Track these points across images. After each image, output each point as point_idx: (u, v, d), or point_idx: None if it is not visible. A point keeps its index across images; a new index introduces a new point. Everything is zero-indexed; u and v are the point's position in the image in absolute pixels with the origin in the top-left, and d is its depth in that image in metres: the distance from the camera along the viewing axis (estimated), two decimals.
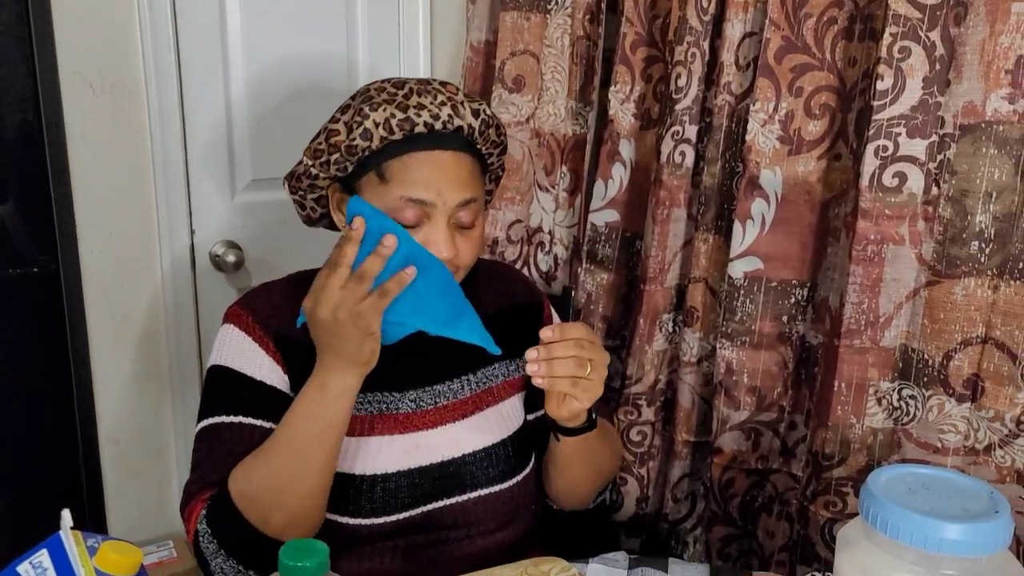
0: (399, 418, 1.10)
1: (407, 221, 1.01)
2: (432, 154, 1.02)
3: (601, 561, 1.10)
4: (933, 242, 1.09)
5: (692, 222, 1.37)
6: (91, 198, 1.59)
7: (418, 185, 1.01)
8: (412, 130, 1.01)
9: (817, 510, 1.22)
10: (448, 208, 1.02)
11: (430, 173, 1.01)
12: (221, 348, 1.09)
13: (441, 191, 1.01)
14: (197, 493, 1.03)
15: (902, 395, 1.14)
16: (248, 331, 1.08)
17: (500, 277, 1.24)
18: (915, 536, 0.83)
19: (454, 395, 1.13)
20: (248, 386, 1.06)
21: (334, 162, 1.04)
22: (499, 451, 1.14)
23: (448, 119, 1.02)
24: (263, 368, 1.07)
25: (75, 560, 0.66)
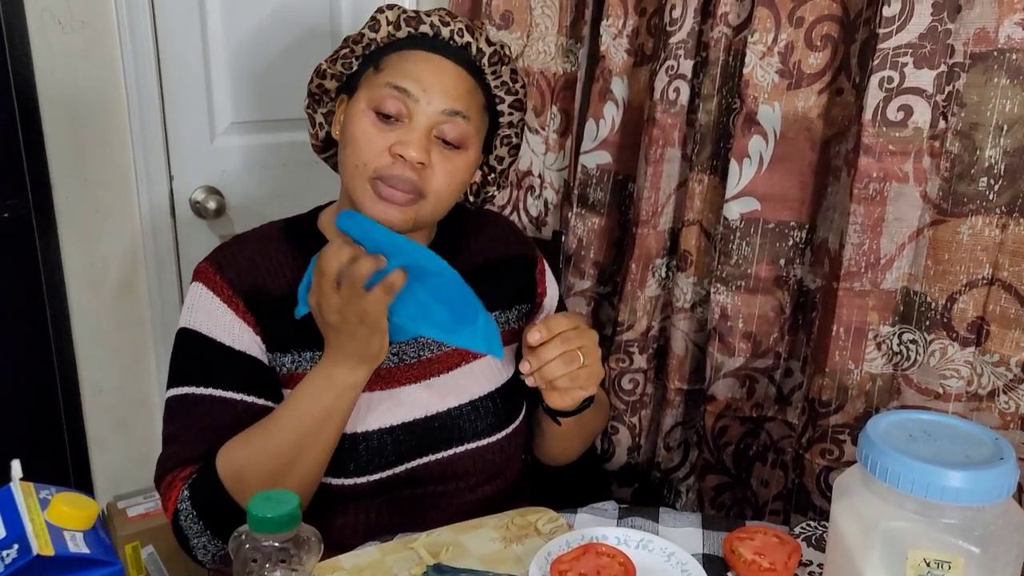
0: (380, 373, 1.05)
1: (384, 108, 0.97)
2: (432, 56, 0.99)
3: (590, 511, 1.08)
4: (939, 179, 1.04)
5: (686, 162, 1.31)
6: (63, 141, 1.54)
7: (407, 76, 0.98)
8: (418, 28, 1.00)
9: (813, 458, 1.18)
10: (431, 112, 0.97)
11: (423, 69, 0.98)
12: (190, 310, 1.04)
13: (428, 88, 0.97)
14: (173, 469, 1.00)
15: (903, 339, 1.10)
16: (216, 290, 1.02)
17: (492, 226, 1.20)
18: (916, 484, 0.80)
19: (439, 347, 1.09)
20: (219, 354, 1.01)
21: (341, 56, 1.03)
22: (487, 404, 1.11)
23: (458, 33, 1.00)
24: (233, 332, 1.01)
25: (24, 513, 0.62)
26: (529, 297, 1.18)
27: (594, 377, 0.99)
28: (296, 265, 1.05)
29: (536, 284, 1.19)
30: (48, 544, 0.59)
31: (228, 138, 1.69)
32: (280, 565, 0.75)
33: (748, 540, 0.97)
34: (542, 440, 1.18)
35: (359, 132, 0.98)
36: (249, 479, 0.95)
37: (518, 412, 1.16)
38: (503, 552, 0.99)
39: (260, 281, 1.03)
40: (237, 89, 1.66)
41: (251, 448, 0.97)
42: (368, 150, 0.98)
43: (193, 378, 1.02)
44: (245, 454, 0.97)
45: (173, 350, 1.05)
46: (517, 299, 1.16)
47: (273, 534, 0.74)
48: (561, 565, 0.92)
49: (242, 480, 0.96)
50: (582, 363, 0.96)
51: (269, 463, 0.96)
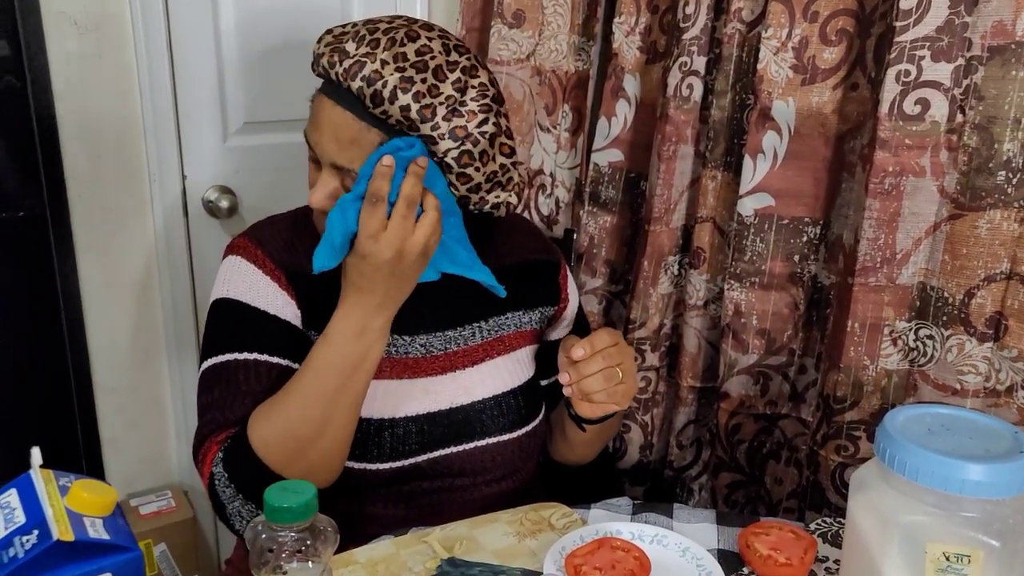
0: (408, 362, 1.06)
1: (312, 153, 1.00)
2: (324, 100, 0.98)
3: (604, 507, 1.07)
4: (956, 173, 1.03)
5: (699, 159, 1.31)
6: (77, 141, 1.55)
7: (310, 124, 0.99)
8: (315, 69, 0.99)
9: (828, 455, 1.18)
10: (326, 160, 0.98)
11: (317, 118, 0.98)
12: (228, 280, 1.03)
13: (319, 142, 0.98)
14: (211, 435, 0.98)
15: (919, 335, 1.09)
16: (258, 263, 1.03)
17: (518, 231, 1.21)
18: (935, 477, 0.80)
19: (465, 342, 1.10)
20: (262, 320, 1.01)
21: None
22: (509, 400, 1.11)
23: (343, 75, 0.94)
24: (276, 302, 1.02)
25: (44, 499, 0.62)
26: (552, 301, 1.18)
27: (629, 394, 1.01)
28: None
29: (560, 290, 1.19)
30: (68, 530, 0.59)
31: (241, 138, 1.70)
32: (296, 556, 0.75)
33: (764, 535, 0.96)
34: (563, 443, 1.18)
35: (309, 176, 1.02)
36: (279, 444, 0.94)
37: (538, 411, 1.15)
38: (517, 547, 0.99)
39: (298, 261, 1.04)
40: (250, 89, 1.67)
41: (278, 413, 0.95)
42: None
43: (232, 345, 1.00)
44: (272, 419, 0.95)
45: (208, 323, 1.04)
46: (540, 301, 1.17)
47: (289, 524, 0.74)
48: (576, 559, 0.92)
49: (272, 445, 0.94)
50: (620, 380, 0.98)
51: (299, 428, 0.95)
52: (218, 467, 0.95)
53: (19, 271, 1.55)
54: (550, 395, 1.19)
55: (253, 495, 0.95)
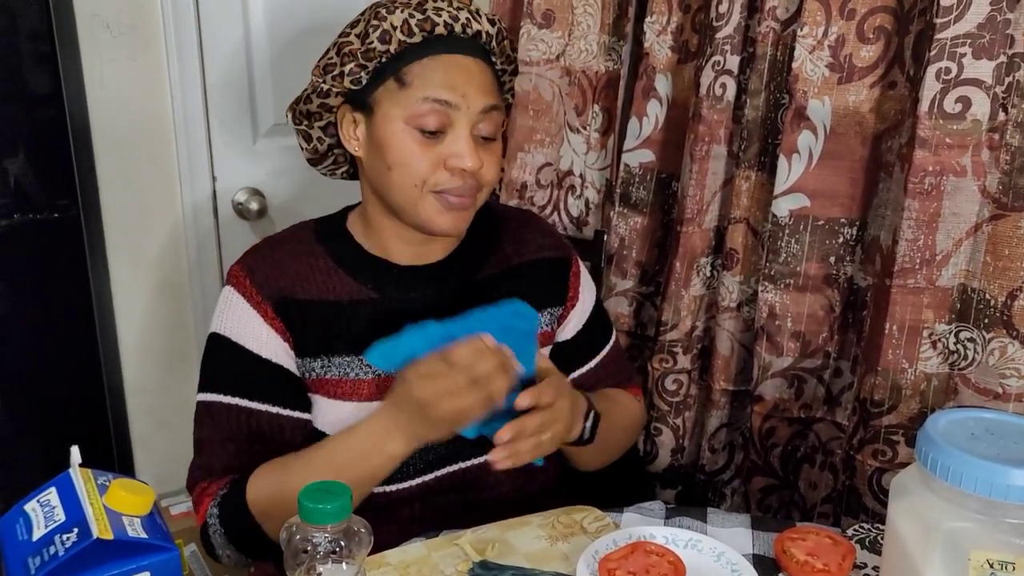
0: None
1: (429, 126, 0.97)
2: (454, 57, 0.98)
3: (637, 511, 1.06)
4: (999, 172, 1.01)
5: (732, 159, 1.30)
6: (110, 144, 1.57)
7: (442, 86, 0.96)
8: (432, 31, 0.96)
9: (864, 459, 1.16)
10: (472, 113, 0.97)
11: (454, 75, 0.97)
12: (221, 315, 1.04)
13: (467, 93, 0.97)
14: (203, 480, 1.02)
15: (960, 338, 1.07)
16: (247, 296, 1.02)
17: (527, 228, 1.18)
18: (979, 482, 0.78)
19: None
20: (248, 362, 1.01)
21: (348, 73, 0.98)
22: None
23: (467, 22, 0.98)
24: (262, 339, 1.01)
25: (84, 498, 0.62)
26: (559, 300, 1.15)
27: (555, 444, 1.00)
28: (327, 267, 1.04)
29: (568, 288, 1.16)
30: (107, 528, 0.59)
31: (270, 140, 1.71)
32: (331, 557, 0.74)
33: (800, 541, 0.94)
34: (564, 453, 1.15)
35: (405, 152, 0.98)
36: (276, 516, 0.96)
37: None
38: (549, 550, 0.98)
39: (290, 286, 1.02)
40: (279, 92, 1.68)
41: (281, 488, 0.97)
42: (422, 169, 0.98)
43: (221, 385, 1.02)
44: (274, 492, 0.97)
45: (204, 353, 1.05)
46: (549, 301, 1.14)
47: (324, 525, 0.74)
48: (610, 563, 0.91)
49: (269, 515, 0.97)
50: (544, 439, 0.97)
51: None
52: (212, 520, 0.99)
53: (53, 272, 1.57)
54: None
55: (245, 548, 1.00)
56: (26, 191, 1.51)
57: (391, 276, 1.06)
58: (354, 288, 1.04)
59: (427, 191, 0.99)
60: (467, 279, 1.08)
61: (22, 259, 1.53)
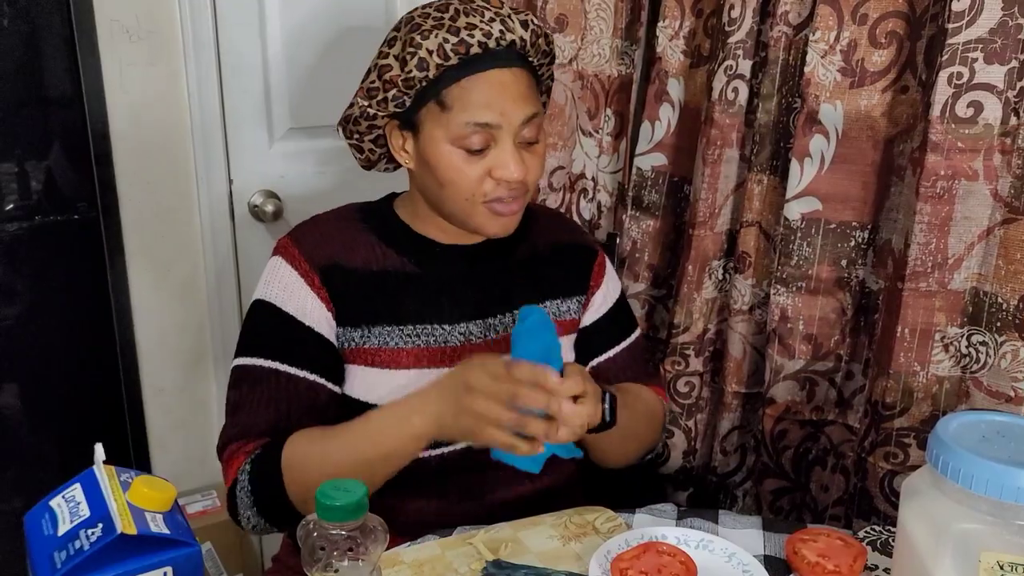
0: (447, 351, 1.08)
1: (473, 146, 1.01)
2: (490, 74, 1.01)
3: (648, 512, 1.07)
4: (1011, 176, 1.01)
5: (745, 163, 1.30)
6: (128, 147, 1.58)
7: (481, 108, 1.00)
8: (468, 52, 0.99)
9: (876, 462, 1.16)
10: (513, 127, 1.01)
11: (492, 94, 1.00)
12: (268, 281, 1.07)
13: (505, 111, 1.00)
14: (237, 439, 1.02)
15: (971, 341, 1.08)
16: (295, 264, 1.06)
17: (556, 222, 1.24)
18: (990, 485, 0.78)
19: (504, 329, 1.11)
20: (292, 330, 1.04)
21: (392, 99, 1.02)
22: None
23: (500, 35, 1.00)
24: (307, 307, 1.05)
25: (108, 494, 0.64)
26: (581, 289, 1.19)
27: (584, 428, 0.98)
28: (371, 242, 1.09)
29: (589, 278, 1.19)
30: (131, 523, 0.61)
31: (286, 143, 1.72)
32: (347, 554, 0.76)
33: (811, 542, 0.95)
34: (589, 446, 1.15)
35: (453, 171, 1.02)
36: (307, 482, 0.97)
37: None
38: (562, 550, 0.99)
39: (335, 254, 1.07)
40: (295, 95, 1.69)
41: (316, 453, 0.99)
42: (469, 183, 1.02)
43: (264, 350, 1.05)
44: (308, 456, 0.99)
45: (245, 320, 1.08)
46: (575, 289, 1.18)
47: (341, 522, 0.75)
48: (622, 563, 0.92)
49: (300, 481, 0.98)
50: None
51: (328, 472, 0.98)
52: (243, 476, 1.00)
53: (73, 273, 1.59)
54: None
55: (268, 512, 1.01)
56: (46, 194, 1.53)
57: (433, 253, 1.11)
58: (396, 261, 1.09)
59: (477, 202, 1.03)
60: (502, 261, 1.13)
61: (42, 261, 1.55)
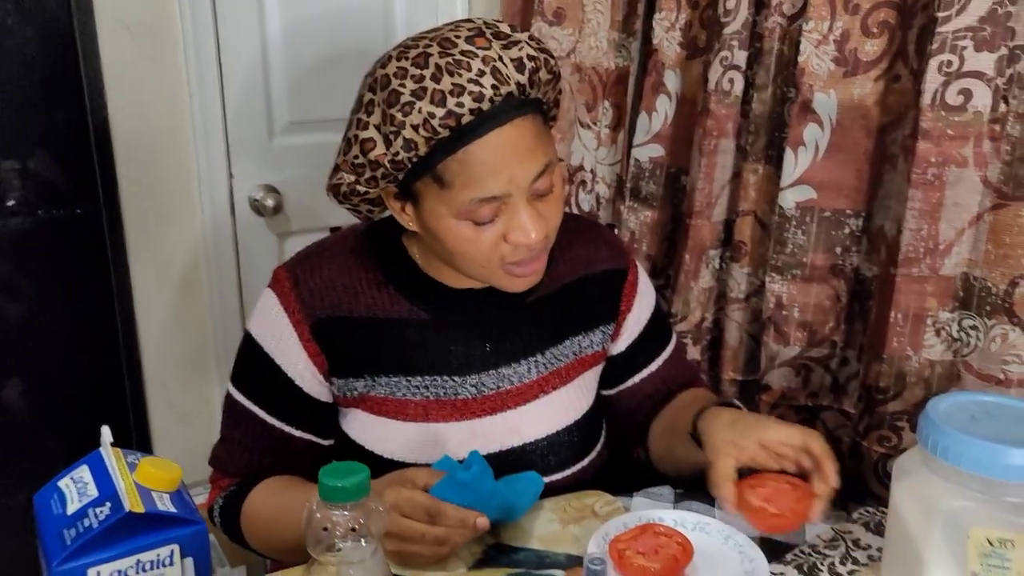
0: (457, 404, 1.03)
1: (482, 219, 0.91)
2: (488, 138, 0.89)
3: (645, 495, 1.09)
4: (1000, 163, 1.03)
5: (740, 153, 1.32)
6: (129, 142, 1.60)
7: (485, 181, 0.89)
8: (459, 123, 0.87)
9: (870, 446, 1.18)
10: (524, 188, 0.91)
11: (494, 161, 0.89)
12: (260, 318, 1.04)
13: (512, 176, 0.89)
14: (218, 470, 1.10)
15: (963, 325, 1.09)
16: (287, 308, 1.01)
17: (584, 242, 1.12)
18: (978, 462, 0.80)
19: (519, 379, 1.05)
20: (274, 378, 1.03)
21: (381, 176, 0.93)
22: (563, 438, 1.08)
23: (494, 91, 0.88)
24: (291, 358, 1.02)
25: (115, 474, 0.65)
26: (610, 317, 1.12)
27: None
28: (377, 283, 1.02)
29: (619, 302, 1.12)
30: (139, 502, 0.62)
31: (286, 137, 1.73)
32: (350, 534, 0.77)
33: (760, 487, 0.94)
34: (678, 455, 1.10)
35: (463, 243, 0.93)
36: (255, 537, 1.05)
37: (595, 443, 1.13)
38: (561, 533, 1.01)
39: (336, 304, 1.01)
40: (295, 89, 1.71)
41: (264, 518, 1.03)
42: (483, 253, 0.94)
43: (247, 388, 1.06)
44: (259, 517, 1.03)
45: (240, 347, 1.07)
46: (601, 319, 1.11)
47: (343, 504, 0.76)
48: (619, 544, 0.93)
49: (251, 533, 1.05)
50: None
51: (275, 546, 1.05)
52: (216, 509, 1.08)
53: (75, 269, 1.61)
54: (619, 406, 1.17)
55: (238, 542, 1.08)
56: (48, 189, 1.54)
57: (444, 298, 1.03)
58: (405, 307, 1.02)
59: (495, 267, 0.96)
60: (518, 301, 1.04)
61: (45, 257, 1.57)
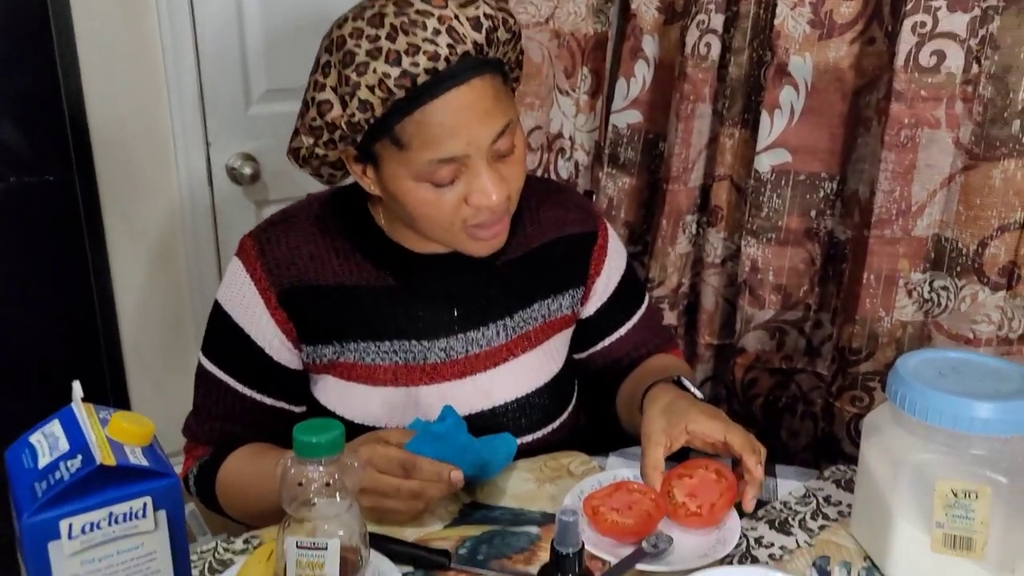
0: (427, 368, 1.04)
1: (442, 181, 0.91)
2: (446, 98, 0.88)
3: (621, 455, 1.10)
4: (972, 124, 1.04)
5: (717, 118, 1.32)
6: (103, 111, 1.58)
7: (443, 141, 0.88)
8: (415, 83, 0.86)
9: (843, 406, 1.20)
10: (483, 149, 0.90)
11: (452, 121, 0.88)
12: (227, 287, 1.04)
13: (472, 137, 0.89)
14: (192, 439, 1.10)
15: (933, 286, 1.11)
16: (253, 277, 1.01)
17: (553, 205, 1.11)
18: (944, 416, 0.82)
19: (488, 342, 1.06)
20: (242, 346, 1.02)
21: (339, 139, 0.92)
22: (533, 400, 1.09)
23: (450, 50, 0.87)
24: (260, 326, 1.02)
25: (87, 428, 0.65)
26: (579, 280, 1.12)
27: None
28: (344, 251, 1.02)
29: (588, 266, 1.12)
30: (110, 455, 0.62)
31: (263, 105, 1.72)
32: (325, 489, 0.78)
33: (688, 478, 0.95)
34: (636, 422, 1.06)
35: (424, 206, 0.93)
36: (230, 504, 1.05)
37: (566, 405, 1.14)
38: (536, 491, 1.02)
39: (303, 273, 1.01)
40: (272, 57, 1.69)
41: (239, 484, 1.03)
42: (444, 215, 0.93)
43: (217, 357, 1.05)
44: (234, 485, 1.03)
45: (210, 316, 1.06)
46: (570, 282, 1.12)
47: (317, 459, 0.77)
48: (594, 501, 0.94)
49: (226, 500, 1.05)
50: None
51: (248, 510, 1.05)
52: (191, 478, 1.07)
53: (50, 236, 1.59)
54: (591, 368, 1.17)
55: (214, 510, 1.08)
56: (20, 155, 1.53)
57: (411, 264, 1.03)
58: (372, 274, 1.02)
59: (457, 230, 0.95)
60: (487, 266, 1.05)
61: (18, 223, 1.55)
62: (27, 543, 0.61)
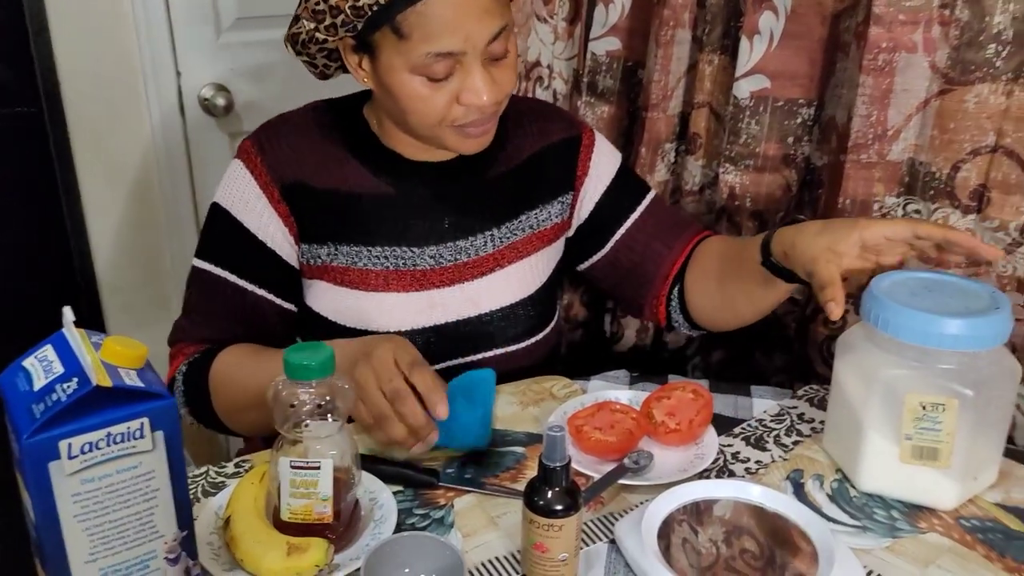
0: (416, 275, 1.07)
1: (437, 75, 0.93)
2: None
3: (602, 378, 1.13)
4: (948, 47, 1.04)
5: (696, 44, 1.31)
6: (69, 40, 1.54)
7: (442, 35, 0.91)
8: None
9: (816, 329, 1.23)
10: (479, 49, 0.93)
11: (452, 16, 0.90)
12: (227, 186, 1.06)
13: (469, 34, 0.91)
14: (181, 341, 1.07)
15: (907, 210, 1.13)
16: (255, 173, 1.04)
17: (536, 117, 1.16)
18: (915, 332, 0.85)
19: (476, 251, 1.10)
20: (243, 240, 1.04)
21: (341, 24, 0.93)
22: (518, 311, 1.12)
23: None
24: (262, 220, 1.04)
25: (80, 352, 0.66)
26: (569, 183, 1.16)
27: None
28: (341, 158, 1.06)
29: (575, 167, 1.16)
30: (106, 377, 0.63)
31: (234, 34, 1.69)
32: (316, 411, 0.80)
33: (665, 399, 0.99)
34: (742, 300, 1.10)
35: (416, 100, 0.95)
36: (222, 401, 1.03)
37: (549, 319, 1.17)
38: (521, 413, 1.05)
39: (302, 172, 1.04)
40: None
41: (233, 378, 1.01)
42: (435, 111, 0.96)
43: (216, 256, 1.06)
44: (227, 380, 1.02)
45: (205, 220, 1.08)
46: (559, 189, 1.15)
47: (308, 381, 0.78)
48: (577, 421, 0.97)
49: (218, 397, 1.03)
50: None
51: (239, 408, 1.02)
52: (179, 377, 1.05)
53: (20, 170, 1.57)
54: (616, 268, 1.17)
55: (198, 415, 1.05)
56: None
57: (406, 171, 1.07)
58: (369, 181, 1.06)
59: (446, 127, 0.98)
60: (479, 177, 1.10)
61: None
62: (27, 464, 0.62)
